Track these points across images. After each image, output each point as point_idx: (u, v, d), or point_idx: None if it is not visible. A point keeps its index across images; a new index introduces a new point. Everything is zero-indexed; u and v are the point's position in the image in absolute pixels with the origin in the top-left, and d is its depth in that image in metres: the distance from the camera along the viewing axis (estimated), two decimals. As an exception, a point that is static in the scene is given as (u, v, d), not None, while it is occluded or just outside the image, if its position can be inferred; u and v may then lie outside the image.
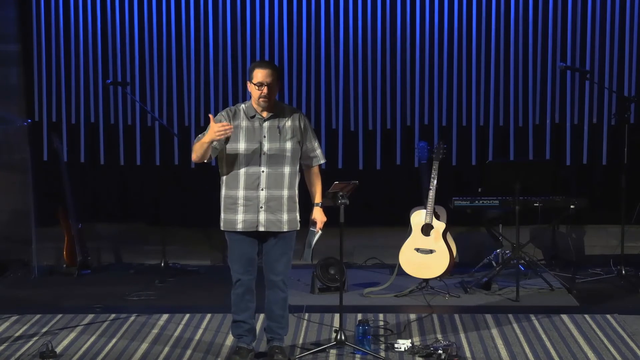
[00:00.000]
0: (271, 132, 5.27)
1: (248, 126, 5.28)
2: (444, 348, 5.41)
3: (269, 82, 5.20)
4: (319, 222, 5.41)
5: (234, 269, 5.38)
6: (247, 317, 5.43)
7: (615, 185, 7.52)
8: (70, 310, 6.52)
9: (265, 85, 5.20)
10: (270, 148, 5.26)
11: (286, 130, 5.29)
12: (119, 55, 8.14)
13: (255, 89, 5.23)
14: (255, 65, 5.31)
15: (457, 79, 8.08)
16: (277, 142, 5.27)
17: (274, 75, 5.23)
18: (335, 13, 8.05)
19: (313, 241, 5.42)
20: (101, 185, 8.31)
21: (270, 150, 5.26)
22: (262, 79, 5.21)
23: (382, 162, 8.17)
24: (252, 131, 5.27)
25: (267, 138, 5.26)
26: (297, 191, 5.36)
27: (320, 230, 5.42)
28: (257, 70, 5.23)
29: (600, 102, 8.07)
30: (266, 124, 5.28)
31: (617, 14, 7.97)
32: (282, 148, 5.27)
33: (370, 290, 7.10)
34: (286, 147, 5.28)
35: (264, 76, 5.21)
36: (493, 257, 7.70)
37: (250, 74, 5.26)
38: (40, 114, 8.21)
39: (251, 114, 5.30)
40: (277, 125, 5.29)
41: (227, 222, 5.33)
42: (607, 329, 6.02)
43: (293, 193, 5.33)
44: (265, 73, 5.21)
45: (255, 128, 5.28)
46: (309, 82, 8.12)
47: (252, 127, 5.28)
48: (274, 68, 5.27)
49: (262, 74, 5.21)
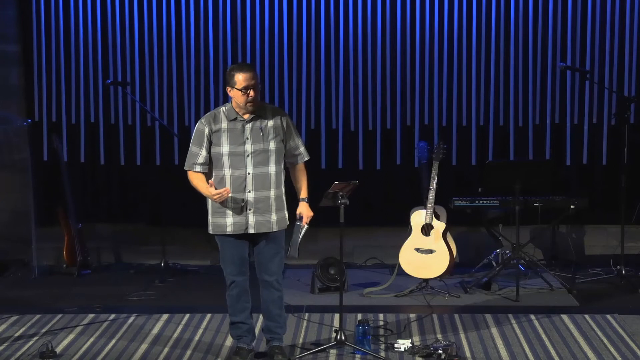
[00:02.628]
0: (254, 134, 5.26)
1: (230, 128, 5.26)
2: (444, 348, 5.42)
3: (253, 84, 5.18)
4: (305, 216, 5.38)
5: (227, 272, 5.38)
6: (245, 317, 5.44)
7: (615, 185, 7.52)
8: (70, 310, 6.52)
9: (251, 88, 5.18)
10: (254, 149, 5.25)
11: (268, 130, 5.28)
12: (119, 55, 8.13)
13: (240, 95, 5.19)
14: (234, 69, 5.23)
15: (457, 79, 8.08)
16: (261, 142, 5.26)
17: (256, 76, 5.22)
18: (335, 13, 8.04)
19: (299, 236, 5.36)
20: (101, 185, 8.30)
21: (254, 151, 5.25)
22: (247, 82, 5.17)
23: (382, 162, 8.17)
24: (235, 133, 5.26)
25: (250, 139, 5.25)
26: (283, 189, 5.37)
27: (307, 225, 5.38)
28: (239, 74, 5.18)
29: (600, 102, 8.07)
30: (248, 126, 5.26)
31: (617, 14, 7.96)
32: (266, 148, 5.26)
33: (370, 290, 7.10)
34: (270, 147, 5.27)
35: (247, 80, 5.18)
36: (493, 257, 7.70)
37: (231, 79, 5.20)
38: (40, 114, 8.21)
39: (232, 117, 5.27)
40: (260, 126, 5.27)
41: (216, 226, 5.33)
42: (607, 329, 6.02)
43: (280, 192, 5.34)
44: (249, 76, 5.18)
45: (238, 130, 5.26)
46: (309, 82, 8.11)
47: (234, 129, 5.26)
48: (254, 69, 5.26)
49: (245, 78, 5.17)
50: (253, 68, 5.28)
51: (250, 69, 5.24)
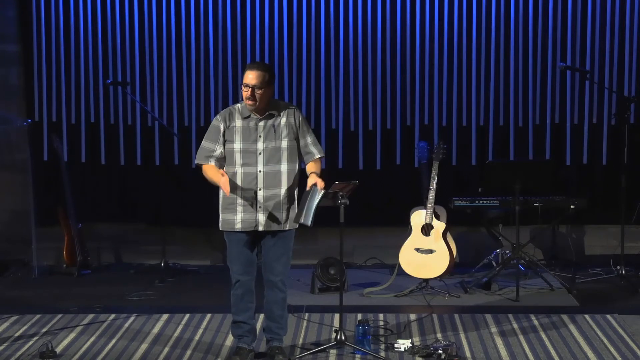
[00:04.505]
0: (267, 131, 5.26)
1: (243, 126, 5.28)
2: (444, 348, 5.42)
3: (253, 84, 5.17)
4: (319, 184, 5.18)
5: (233, 270, 5.38)
6: (247, 317, 5.43)
7: (615, 185, 7.52)
8: (70, 310, 6.52)
9: (250, 87, 5.18)
10: (266, 147, 5.25)
11: (281, 128, 5.28)
12: (119, 55, 8.13)
13: (243, 91, 5.22)
14: (246, 66, 5.30)
15: (457, 79, 8.08)
16: (273, 140, 5.26)
17: (260, 77, 5.18)
18: (335, 13, 8.04)
19: (315, 202, 5.11)
20: (101, 185, 8.30)
21: (266, 149, 5.25)
22: (247, 80, 5.20)
23: (382, 162, 8.17)
24: (248, 131, 5.27)
25: (263, 137, 5.26)
26: (296, 188, 5.34)
27: (324, 190, 5.16)
28: (246, 71, 5.22)
29: (600, 102, 8.07)
30: (261, 124, 5.27)
31: (617, 14, 7.96)
32: (278, 147, 5.26)
33: (370, 290, 7.10)
34: (282, 145, 5.27)
35: (248, 77, 5.19)
36: (493, 257, 7.70)
37: (243, 74, 5.27)
38: (40, 114, 8.21)
39: (245, 114, 5.29)
40: (272, 123, 5.28)
41: (226, 222, 5.33)
42: (607, 329, 6.02)
43: (292, 191, 5.32)
44: (250, 75, 5.19)
45: (251, 128, 5.27)
46: (309, 82, 8.11)
47: (247, 127, 5.28)
48: (260, 69, 5.21)
49: (246, 75, 5.20)
50: (259, 67, 5.22)
51: (253, 67, 5.23)
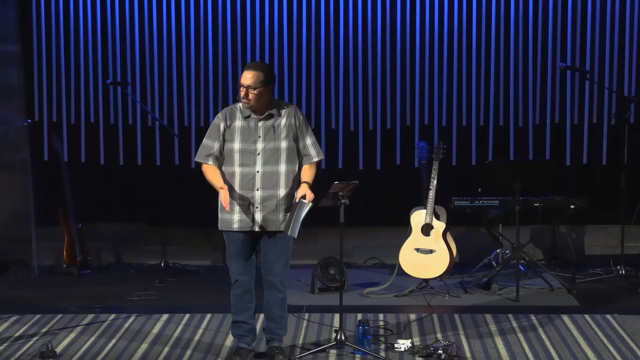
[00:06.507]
0: (266, 132, 5.26)
1: (243, 126, 5.27)
2: (444, 348, 5.42)
3: (248, 84, 5.16)
4: (308, 195, 5.19)
5: (232, 270, 5.38)
6: (247, 317, 5.43)
7: (615, 185, 7.52)
8: (70, 310, 6.52)
9: (245, 87, 5.18)
10: (265, 148, 5.25)
11: (281, 128, 5.28)
12: (119, 55, 8.13)
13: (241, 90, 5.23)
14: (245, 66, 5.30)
15: (457, 79, 8.08)
16: (272, 141, 5.26)
17: (255, 77, 5.16)
18: (335, 13, 8.04)
19: (302, 214, 5.16)
20: (101, 185, 8.30)
21: (265, 150, 5.25)
22: (242, 80, 5.20)
23: (382, 162, 8.17)
24: (248, 131, 5.27)
25: (262, 138, 5.26)
26: (296, 189, 5.33)
27: (311, 203, 5.19)
28: (243, 71, 5.23)
29: (600, 102, 8.07)
30: (261, 124, 5.27)
31: (617, 14, 7.96)
32: (277, 147, 5.26)
33: (370, 290, 7.10)
34: (281, 146, 5.27)
35: (244, 77, 5.19)
36: (493, 257, 7.70)
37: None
38: (40, 114, 8.21)
39: (246, 114, 5.29)
40: (272, 124, 5.27)
41: (224, 222, 5.33)
42: (607, 329, 6.02)
43: (290, 192, 5.31)
44: (246, 74, 5.19)
45: (251, 128, 5.27)
46: (309, 82, 8.11)
47: (247, 127, 5.27)
48: (256, 69, 5.20)
49: (243, 75, 5.21)
50: (255, 68, 5.21)
51: (250, 67, 5.23)
